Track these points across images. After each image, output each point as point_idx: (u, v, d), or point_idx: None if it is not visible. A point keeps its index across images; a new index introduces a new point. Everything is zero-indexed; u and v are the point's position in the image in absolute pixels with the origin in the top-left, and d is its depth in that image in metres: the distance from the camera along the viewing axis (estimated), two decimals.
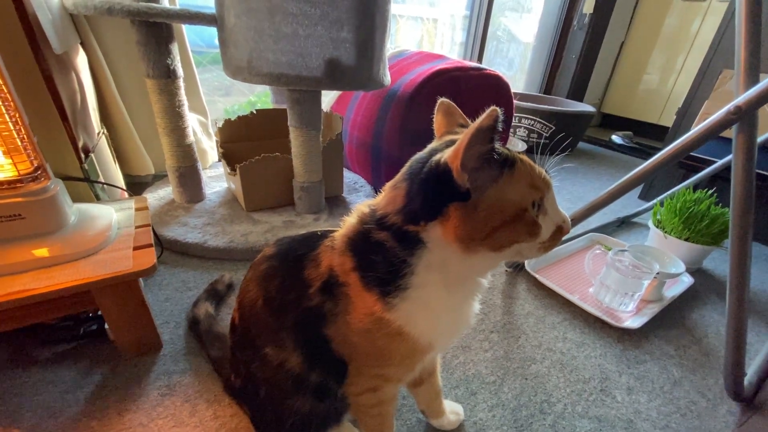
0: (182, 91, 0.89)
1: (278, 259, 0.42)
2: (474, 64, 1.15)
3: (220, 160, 1.31)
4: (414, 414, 0.60)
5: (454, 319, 0.39)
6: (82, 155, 0.73)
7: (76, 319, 0.67)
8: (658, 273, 0.80)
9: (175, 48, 0.85)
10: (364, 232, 0.36)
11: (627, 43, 2.48)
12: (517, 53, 2.44)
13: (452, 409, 0.59)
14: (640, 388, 0.68)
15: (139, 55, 0.82)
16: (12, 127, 0.52)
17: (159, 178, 1.17)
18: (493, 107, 0.27)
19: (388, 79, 0.97)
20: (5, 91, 0.49)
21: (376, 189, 1.25)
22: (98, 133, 0.87)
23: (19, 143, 0.53)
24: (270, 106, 1.46)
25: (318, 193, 1.05)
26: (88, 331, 0.66)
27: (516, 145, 1.81)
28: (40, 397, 0.58)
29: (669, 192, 1.19)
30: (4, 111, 0.50)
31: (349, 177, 1.31)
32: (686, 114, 1.34)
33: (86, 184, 0.74)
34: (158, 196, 1.07)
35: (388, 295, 0.34)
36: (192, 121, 1.10)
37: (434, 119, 0.41)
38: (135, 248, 0.62)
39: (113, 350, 0.66)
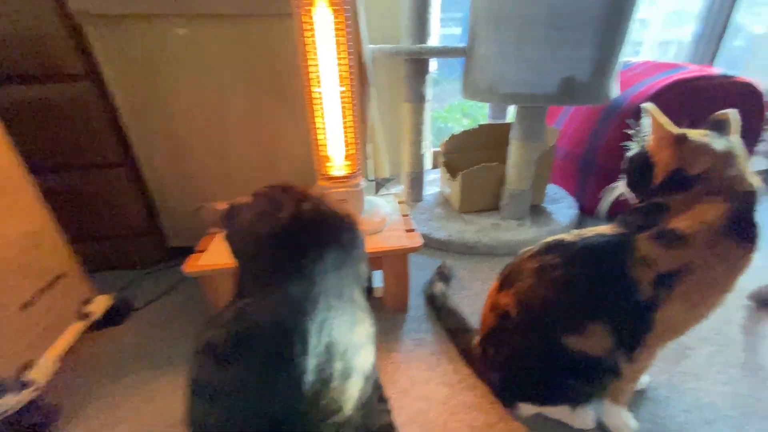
0: (426, 112, 1.11)
1: (576, 266, 0.51)
2: (720, 71, 1.04)
3: (433, 168, 1.53)
4: None
5: None
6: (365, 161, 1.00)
7: None
8: None
9: (428, 78, 1.07)
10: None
11: None
12: (742, 49, 2.00)
13: None
14: None
15: (403, 85, 1.06)
16: (353, 141, 0.78)
17: (386, 181, 1.45)
18: None
19: (617, 91, 0.98)
20: (356, 119, 0.75)
21: (579, 201, 1.26)
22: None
23: (352, 151, 0.79)
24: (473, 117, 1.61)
25: (525, 201, 1.13)
26: None
27: (757, 162, 1.51)
28: None
29: None
30: (352, 130, 0.76)
31: (550, 188, 1.34)
32: None
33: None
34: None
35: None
36: None
37: None
38: (406, 231, 0.82)
39: (376, 305, 0.88)
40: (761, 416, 0.63)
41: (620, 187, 0.58)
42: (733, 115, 0.51)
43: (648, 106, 0.52)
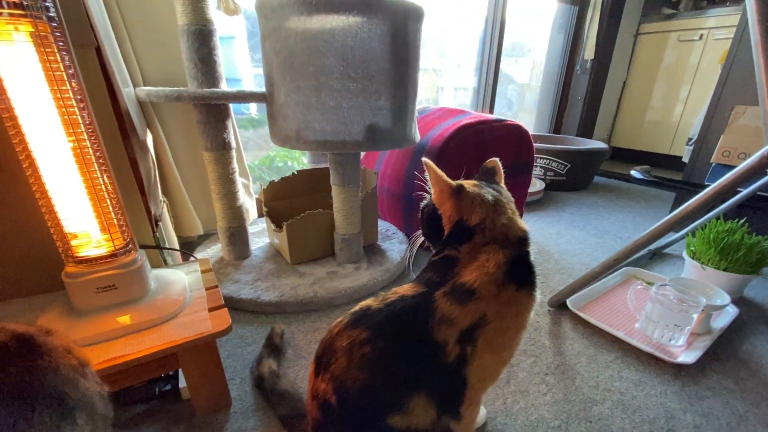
0: (234, 161, 0.98)
1: (384, 339, 0.45)
2: (495, 116, 1.23)
3: (260, 217, 1.39)
4: None
5: None
6: (154, 225, 0.80)
7: (150, 380, 0.71)
8: (705, 306, 0.81)
9: (230, 123, 0.95)
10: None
11: (629, 81, 2.60)
12: (514, 94, 2.58)
13: None
14: (707, 426, 0.68)
15: (198, 132, 0.92)
16: (111, 208, 0.59)
17: (204, 237, 1.25)
18: None
19: (418, 136, 1.05)
20: (110, 180, 0.57)
21: (408, 235, 1.30)
22: (162, 203, 0.95)
23: (115, 220, 0.60)
24: (291, 156, 1.56)
25: (357, 244, 1.10)
26: (162, 391, 0.70)
27: (535, 184, 1.87)
28: None
29: (697, 222, 1.21)
30: (105, 193, 0.58)
31: (382, 225, 1.36)
32: (702, 147, 1.39)
33: (157, 251, 0.81)
34: (207, 254, 1.13)
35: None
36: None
37: None
38: (210, 309, 0.66)
39: (186, 409, 0.68)
40: (577, 417, 0.68)
41: (420, 237, 0.57)
42: (498, 163, 0.56)
43: (425, 160, 0.52)
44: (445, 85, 2.25)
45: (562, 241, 1.44)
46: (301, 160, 2.17)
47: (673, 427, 0.67)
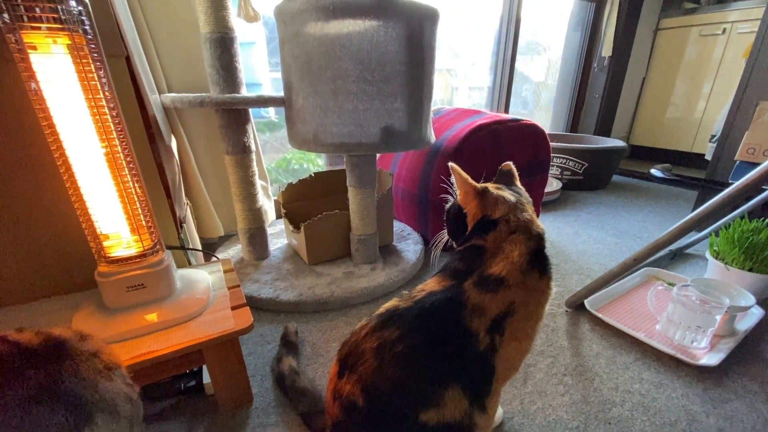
0: (254, 164, 1.01)
1: (418, 335, 0.46)
2: (510, 116, 1.23)
3: (278, 218, 1.42)
4: None
5: None
6: (179, 226, 0.83)
7: (176, 375, 0.73)
8: (728, 307, 0.80)
9: (250, 127, 0.98)
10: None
11: (648, 78, 2.54)
12: (529, 93, 2.56)
13: None
14: (730, 429, 0.66)
15: (220, 137, 0.95)
16: (140, 210, 0.62)
17: (225, 238, 1.28)
18: None
19: (433, 137, 1.05)
20: (139, 184, 0.60)
21: (423, 235, 1.31)
22: (185, 205, 0.99)
23: (144, 222, 0.63)
24: (305, 158, 1.59)
25: (373, 244, 1.11)
26: (187, 387, 0.72)
27: (551, 183, 1.85)
28: None
29: (721, 221, 1.18)
30: (135, 196, 0.60)
31: (397, 226, 1.38)
32: (725, 144, 1.35)
33: (182, 251, 0.84)
34: (227, 255, 1.16)
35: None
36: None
37: None
38: (232, 308, 0.68)
39: (210, 404, 0.71)
40: (596, 419, 0.68)
41: (444, 236, 0.61)
42: (512, 166, 0.61)
43: (451, 165, 0.56)
44: (459, 84, 2.24)
45: (580, 241, 1.43)
46: (316, 162, 2.21)
47: (695, 430, 0.66)
